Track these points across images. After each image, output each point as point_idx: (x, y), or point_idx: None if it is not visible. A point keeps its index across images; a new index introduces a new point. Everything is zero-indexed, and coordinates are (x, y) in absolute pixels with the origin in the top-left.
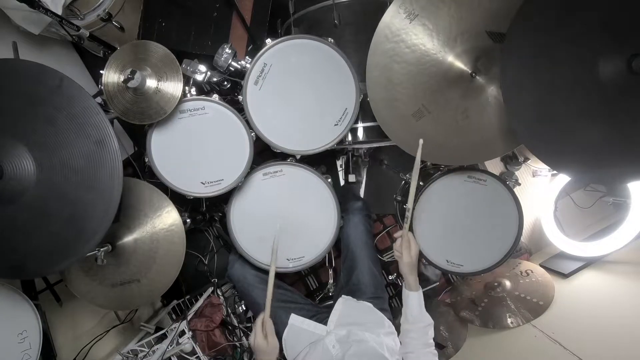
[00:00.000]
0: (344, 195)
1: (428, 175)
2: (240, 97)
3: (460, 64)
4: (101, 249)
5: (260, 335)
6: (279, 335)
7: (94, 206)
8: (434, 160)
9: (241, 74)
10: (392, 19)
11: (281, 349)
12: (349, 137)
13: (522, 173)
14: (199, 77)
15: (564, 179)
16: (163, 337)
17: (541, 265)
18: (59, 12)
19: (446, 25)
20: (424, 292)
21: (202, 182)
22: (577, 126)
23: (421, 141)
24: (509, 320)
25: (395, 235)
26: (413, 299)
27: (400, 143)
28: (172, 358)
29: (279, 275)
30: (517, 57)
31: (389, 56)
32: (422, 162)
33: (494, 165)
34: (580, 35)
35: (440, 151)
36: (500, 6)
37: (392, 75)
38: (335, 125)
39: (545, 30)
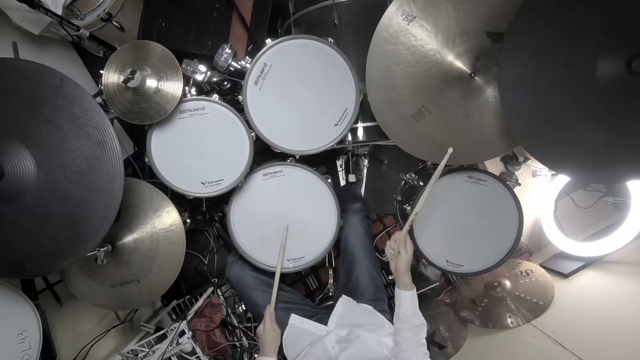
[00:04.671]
0: (343, 196)
1: (428, 175)
2: (240, 97)
3: (459, 65)
4: (101, 249)
5: (269, 323)
6: None
7: (94, 206)
8: (435, 160)
9: (241, 74)
10: (391, 21)
11: (281, 349)
12: (349, 137)
13: (522, 173)
14: (199, 77)
15: (564, 179)
16: (163, 337)
17: (541, 265)
18: (59, 12)
19: (445, 26)
20: (424, 292)
21: (202, 182)
22: (575, 126)
23: (450, 150)
24: (509, 320)
25: (394, 235)
26: (406, 298)
27: (402, 144)
28: (172, 358)
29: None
30: (515, 58)
31: (388, 58)
32: (422, 162)
33: (494, 165)
34: (578, 35)
35: (441, 151)
36: (499, 6)
37: (392, 76)
38: (335, 125)
39: (543, 31)
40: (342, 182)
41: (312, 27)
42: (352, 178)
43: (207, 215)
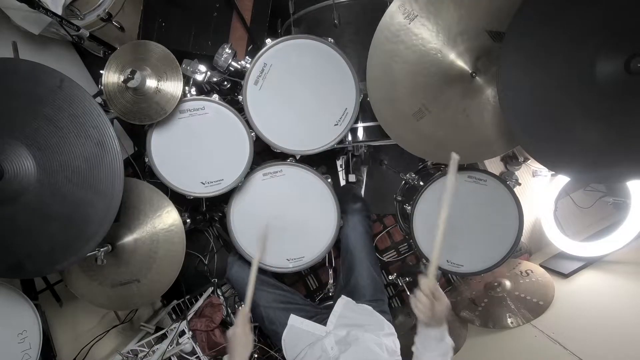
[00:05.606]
0: (342, 196)
1: (428, 175)
2: (240, 97)
3: (460, 64)
4: (101, 249)
5: (241, 326)
6: (278, 336)
7: (94, 207)
8: (434, 159)
9: (241, 74)
10: (392, 20)
11: (280, 349)
12: (349, 137)
13: (522, 173)
14: (199, 77)
15: (564, 179)
16: (163, 337)
17: (541, 265)
18: (59, 12)
19: (446, 25)
20: None
21: (202, 182)
22: (575, 126)
23: (455, 156)
24: (509, 320)
25: (421, 289)
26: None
27: (402, 143)
28: (172, 358)
29: (279, 276)
30: (514, 57)
31: (389, 57)
32: (422, 162)
33: (494, 165)
34: (578, 36)
35: (441, 151)
36: (500, 5)
37: (393, 75)
38: (335, 125)
39: (543, 30)
40: (342, 182)
41: (312, 27)
42: (352, 178)
43: (207, 215)
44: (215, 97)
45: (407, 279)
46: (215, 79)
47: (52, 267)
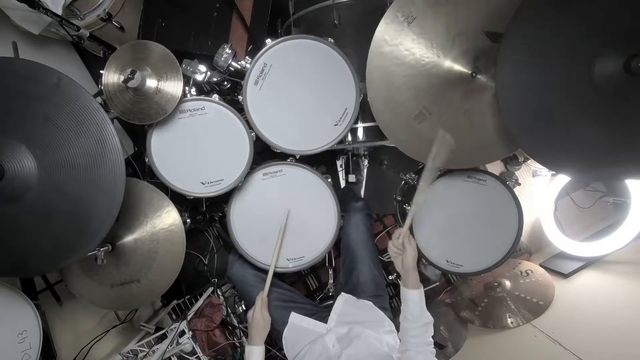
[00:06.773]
0: (344, 195)
1: None
2: (240, 97)
3: (459, 65)
4: (101, 249)
5: (259, 310)
6: (279, 334)
7: (97, 204)
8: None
9: (241, 74)
10: (391, 23)
11: (281, 348)
12: (349, 137)
13: (522, 173)
14: (199, 77)
15: (564, 179)
16: (163, 337)
17: (541, 265)
18: (59, 12)
19: (444, 27)
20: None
21: (202, 182)
22: (574, 126)
23: (441, 133)
24: (509, 320)
25: (395, 233)
26: (414, 297)
27: (402, 146)
28: (172, 358)
29: (279, 275)
30: (513, 58)
31: (388, 59)
32: (422, 162)
33: (494, 165)
34: (577, 36)
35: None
36: (498, 6)
37: (392, 78)
38: (335, 125)
39: (542, 31)
40: (342, 182)
41: (312, 27)
42: (352, 178)
43: (207, 215)
44: (215, 97)
45: None
46: (215, 79)
47: (56, 264)
